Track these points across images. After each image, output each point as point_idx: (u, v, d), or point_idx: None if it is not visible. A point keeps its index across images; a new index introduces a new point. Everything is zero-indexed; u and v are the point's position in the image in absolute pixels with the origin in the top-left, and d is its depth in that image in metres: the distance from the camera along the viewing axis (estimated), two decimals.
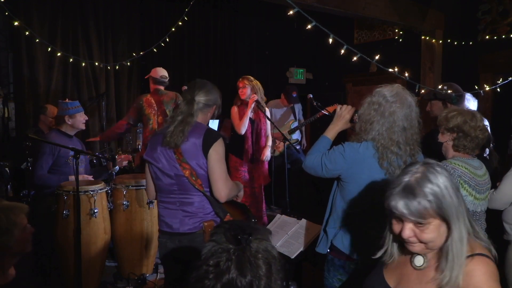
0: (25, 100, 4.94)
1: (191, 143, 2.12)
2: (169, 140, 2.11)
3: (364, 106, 2.06)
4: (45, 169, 3.37)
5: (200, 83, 2.25)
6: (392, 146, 1.97)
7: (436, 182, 1.25)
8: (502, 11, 4.99)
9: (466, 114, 2.20)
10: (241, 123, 4.06)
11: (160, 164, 2.18)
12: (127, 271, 3.55)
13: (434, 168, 1.28)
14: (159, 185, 2.25)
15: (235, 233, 1.05)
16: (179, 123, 2.13)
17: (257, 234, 1.07)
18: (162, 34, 4.21)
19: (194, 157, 2.13)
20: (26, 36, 4.28)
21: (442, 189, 1.24)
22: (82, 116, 3.60)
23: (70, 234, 3.14)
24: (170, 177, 2.17)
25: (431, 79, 5.40)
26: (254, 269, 1.00)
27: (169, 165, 2.16)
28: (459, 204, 1.27)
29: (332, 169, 2.06)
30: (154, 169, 2.23)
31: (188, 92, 2.23)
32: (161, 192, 2.25)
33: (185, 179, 2.14)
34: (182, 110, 2.18)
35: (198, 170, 2.14)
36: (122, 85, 5.70)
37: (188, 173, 2.12)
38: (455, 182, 1.35)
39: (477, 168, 2.19)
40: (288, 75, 7.15)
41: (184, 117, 2.15)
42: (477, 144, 2.19)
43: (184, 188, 2.17)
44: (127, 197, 3.47)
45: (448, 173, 1.30)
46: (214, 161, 2.14)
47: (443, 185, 1.25)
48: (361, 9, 4.57)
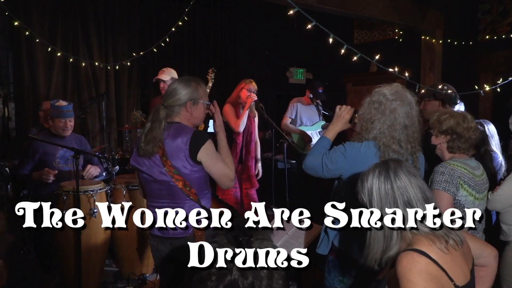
0: (25, 100, 4.94)
1: (176, 145, 2.06)
2: (144, 150, 2.07)
3: (364, 106, 2.06)
4: (25, 169, 3.48)
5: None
6: (393, 144, 1.97)
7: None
8: (502, 11, 4.99)
9: (458, 116, 2.24)
10: (240, 120, 4.02)
11: (144, 168, 2.13)
12: (127, 271, 3.55)
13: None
14: (147, 190, 2.22)
15: (236, 235, 1.05)
16: (148, 131, 2.08)
17: (258, 235, 1.07)
18: (162, 34, 4.21)
19: (179, 159, 2.07)
20: (26, 36, 4.27)
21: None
22: (62, 122, 3.50)
23: (70, 234, 3.15)
24: (158, 182, 2.12)
25: (431, 79, 5.40)
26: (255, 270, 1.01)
27: (155, 171, 2.11)
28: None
29: (333, 169, 2.05)
30: (141, 174, 2.20)
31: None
32: (150, 197, 2.21)
33: (174, 186, 2.09)
34: (150, 117, 2.14)
35: (183, 171, 2.08)
36: (122, 85, 5.70)
37: (182, 184, 2.07)
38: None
39: (475, 168, 2.22)
40: (288, 75, 7.15)
41: (151, 125, 2.09)
42: (470, 145, 2.24)
43: (173, 194, 2.11)
44: (127, 197, 3.47)
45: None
46: (208, 162, 2.10)
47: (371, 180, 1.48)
48: (361, 9, 4.58)
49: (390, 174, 1.45)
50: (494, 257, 1.68)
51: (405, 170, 1.46)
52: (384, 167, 1.48)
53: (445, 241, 1.36)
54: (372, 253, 1.45)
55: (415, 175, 1.46)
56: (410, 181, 1.43)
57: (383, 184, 1.45)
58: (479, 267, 1.64)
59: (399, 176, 1.44)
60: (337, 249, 2.10)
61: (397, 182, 1.43)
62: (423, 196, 1.43)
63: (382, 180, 1.45)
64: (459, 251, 1.40)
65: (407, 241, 1.40)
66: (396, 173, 1.45)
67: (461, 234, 1.43)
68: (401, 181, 1.43)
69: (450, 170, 2.14)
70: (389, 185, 1.44)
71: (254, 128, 4.25)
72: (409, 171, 1.47)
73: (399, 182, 1.44)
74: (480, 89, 3.53)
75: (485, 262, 1.66)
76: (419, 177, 1.48)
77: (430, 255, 1.32)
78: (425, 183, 1.49)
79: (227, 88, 5.34)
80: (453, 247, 1.38)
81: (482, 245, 1.69)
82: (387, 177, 1.45)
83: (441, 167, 2.17)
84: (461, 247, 1.41)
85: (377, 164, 1.52)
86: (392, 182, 1.44)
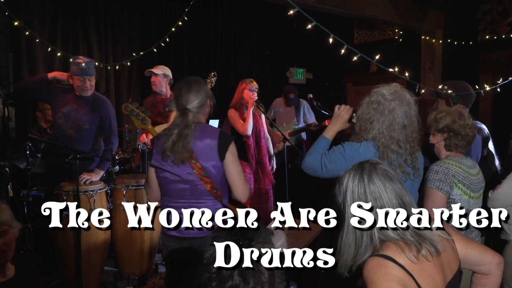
0: (25, 100, 4.94)
1: (206, 145, 2.10)
2: (169, 154, 2.07)
3: (363, 106, 2.07)
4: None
5: (185, 88, 2.17)
6: (392, 144, 1.97)
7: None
8: (502, 11, 4.99)
9: (454, 113, 2.25)
10: (247, 124, 4.02)
11: (168, 167, 2.13)
12: (127, 271, 3.55)
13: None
14: (166, 190, 2.19)
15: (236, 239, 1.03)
16: (177, 138, 2.07)
17: (258, 238, 1.06)
18: (162, 34, 4.20)
19: (210, 159, 2.11)
20: (26, 36, 4.27)
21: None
22: (80, 80, 3.30)
23: (70, 234, 3.15)
24: (183, 182, 2.12)
25: (431, 79, 5.40)
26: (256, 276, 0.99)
27: (182, 171, 2.11)
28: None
29: (332, 169, 2.05)
30: (163, 174, 2.17)
31: (179, 101, 2.16)
32: (170, 197, 2.19)
33: (201, 187, 2.11)
34: (177, 122, 2.12)
35: (212, 171, 2.11)
36: (122, 85, 5.69)
37: (210, 187, 2.11)
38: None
39: (470, 167, 2.23)
40: (288, 75, 7.14)
41: (180, 131, 2.08)
42: (468, 142, 2.24)
43: (197, 194, 2.13)
44: (127, 197, 3.47)
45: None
46: (232, 163, 2.15)
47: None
48: (361, 9, 4.57)
49: (364, 178, 1.40)
50: (497, 264, 1.56)
51: (380, 173, 1.40)
52: (359, 170, 1.42)
53: (416, 249, 1.30)
54: (343, 259, 1.41)
55: (391, 179, 1.40)
56: (385, 186, 1.38)
57: (357, 187, 1.40)
58: (480, 275, 1.58)
59: (373, 180, 1.38)
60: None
61: (371, 186, 1.38)
62: (398, 201, 1.37)
63: (356, 183, 1.40)
64: (433, 261, 1.32)
65: (375, 247, 1.35)
66: (371, 176, 1.39)
67: (439, 244, 1.34)
68: (375, 185, 1.37)
69: (444, 169, 2.15)
70: (362, 189, 1.39)
71: (261, 125, 4.28)
72: (386, 174, 1.40)
73: (372, 186, 1.38)
74: (480, 89, 3.53)
75: (486, 270, 1.56)
76: (397, 180, 1.42)
77: (397, 260, 1.27)
78: (404, 187, 1.43)
79: (227, 88, 5.34)
80: (425, 257, 1.30)
81: (482, 251, 1.57)
82: (361, 181, 1.40)
83: (436, 166, 2.18)
84: (435, 257, 1.33)
85: (354, 166, 1.47)
86: (365, 186, 1.38)
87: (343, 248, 1.41)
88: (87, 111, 3.48)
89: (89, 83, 3.37)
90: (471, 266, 1.56)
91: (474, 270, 1.58)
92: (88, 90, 3.40)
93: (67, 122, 3.43)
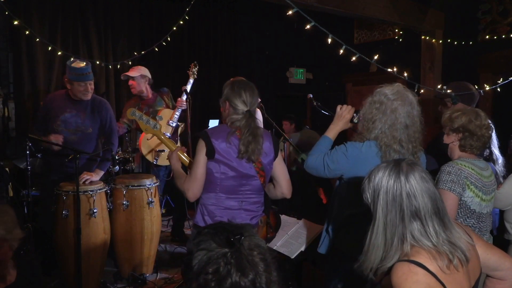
0: (25, 100, 4.94)
1: (267, 145, 2.24)
2: (245, 153, 2.13)
3: (366, 106, 2.07)
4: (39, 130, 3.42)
5: (250, 91, 2.21)
6: (394, 144, 1.97)
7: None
8: (502, 11, 4.99)
9: (470, 113, 2.15)
10: None
11: (235, 164, 2.17)
12: (127, 271, 3.54)
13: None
14: (223, 185, 2.18)
15: (226, 236, 1.03)
16: (252, 138, 2.13)
17: (245, 232, 1.06)
18: (162, 34, 4.20)
19: (268, 158, 2.25)
20: (26, 36, 4.27)
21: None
22: (82, 86, 3.28)
23: (70, 234, 3.15)
24: (245, 177, 2.20)
25: (431, 79, 5.41)
26: (253, 267, 1.00)
27: (247, 166, 2.20)
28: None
29: (335, 169, 2.06)
30: (222, 168, 2.17)
31: (239, 102, 2.18)
32: (222, 192, 2.20)
33: (258, 181, 2.24)
34: (248, 123, 2.15)
35: (267, 168, 2.26)
36: (122, 85, 5.69)
37: (263, 181, 2.26)
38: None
39: (483, 169, 2.15)
40: (288, 75, 7.15)
41: (252, 131, 2.14)
42: (483, 143, 2.15)
43: (255, 189, 2.26)
44: (127, 197, 3.47)
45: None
46: (281, 161, 2.33)
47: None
48: (361, 9, 4.57)
49: (401, 178, 1.30)
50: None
51: (418, 175, 1.31)
52: (396, 168, 1.32)
53: (448, 259, 1.24)
54: (369, 260, 1.33)
55: (428, 181, 1.32)
56: (422, 189, 1.29)
57: (392, 188, 1.30)
58: (495, 280, 1.53)
59: (410, 181, 1.29)
60: (338, 249, 2.09)
61: (407, 188, 1.29)
62: (433, 207, 1.29)
63: (392, 183, 1.31)
64: (462, 270, 1.27)
65: (405, 252, 1.28)
66: (408, 177, 1.30)
67: (468, 252, 1.29)
68: (412, 187, 1.29)
69: (457, 170, 2.07)
70: (398, 190, 1.29)
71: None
72: (423, 176, 1.32)
73: (409, 188, 1.29)
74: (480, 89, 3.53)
75: (503, 276, 1.51)
76: (433, 184, 1.34)
77: (428, 268, 1.22)
78: (437, 191, 1.35)
79: None
80: (456, 267, 1.25)
81: (501, 257, 1.51)
82: (397, 181, 1.30)
83: (448, 167, 2.11)
84: (466, 266, 1.28)
85: (389, 163, 1.37)
86: (402, 187, 1.29)
87: (370, 249, 1.34)
88: (88, 115, 3.48)
89: (90, 87, 3.38)
90: (487, 271, 1.52)
91: (490, 274, 1.54)
92: (89, 94, 3.41)
93: (68, 129, 3.41)
